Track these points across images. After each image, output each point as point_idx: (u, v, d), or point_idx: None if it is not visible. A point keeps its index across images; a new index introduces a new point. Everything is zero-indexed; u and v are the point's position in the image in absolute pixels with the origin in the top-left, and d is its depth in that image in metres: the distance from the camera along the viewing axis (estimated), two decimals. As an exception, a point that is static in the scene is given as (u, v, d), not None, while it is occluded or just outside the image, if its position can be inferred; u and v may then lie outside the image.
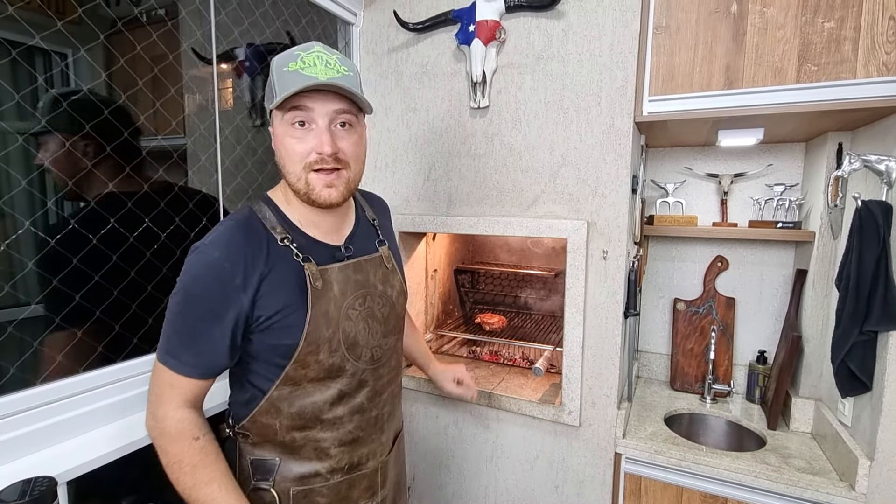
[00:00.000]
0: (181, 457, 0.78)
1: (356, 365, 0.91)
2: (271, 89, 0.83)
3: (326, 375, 0.88)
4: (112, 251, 1.04)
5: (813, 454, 1.33)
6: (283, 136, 0.83)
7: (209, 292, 0.79)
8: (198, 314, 0.80)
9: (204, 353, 0.81)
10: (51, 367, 0.95)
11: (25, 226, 0.93)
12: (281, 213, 0.89)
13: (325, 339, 0.86)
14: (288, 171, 0.84)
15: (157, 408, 0.81)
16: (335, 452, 0.91)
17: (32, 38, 0.91)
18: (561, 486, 1.47)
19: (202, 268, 0.80)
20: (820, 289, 1.43)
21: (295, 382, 0.86)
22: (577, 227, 1.36)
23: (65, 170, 1.01)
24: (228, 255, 0.80)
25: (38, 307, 0.95)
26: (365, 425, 0.95)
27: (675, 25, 1.27)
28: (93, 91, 1.05)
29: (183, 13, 1.17)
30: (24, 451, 0.87)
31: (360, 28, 1.66)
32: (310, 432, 0.89)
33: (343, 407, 0.91)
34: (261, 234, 0.84)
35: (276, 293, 0.83)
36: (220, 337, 0.80)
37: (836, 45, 1.12)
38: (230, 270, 0.79)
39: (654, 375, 1.86)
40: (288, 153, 0.83)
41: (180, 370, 0.80)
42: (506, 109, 1.46)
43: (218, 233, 0.83)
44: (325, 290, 0.87)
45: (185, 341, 0.80)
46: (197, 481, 0.78)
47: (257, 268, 0.81)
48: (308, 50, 0.82)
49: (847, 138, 1.39)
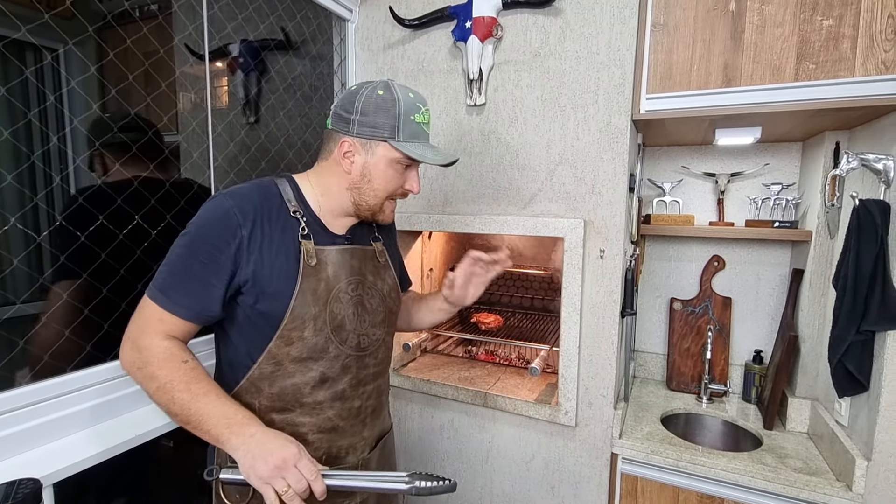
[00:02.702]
0: (172, 376, 0.79)
1: (340, 349, 0.92)
2: (391, 126, 0.88)
3: (309, 356, 0.88)
4: (100, 245, 1.02)
5: (809, 454, 1.32)
6: (385, 167, 0.91)
7: (216, 237, 0.82)
8: (200, 256, 0.81)
9: (197, 295, 0.82)
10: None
11: (10, 222, 0.91)
12: (299, 192, 0.94)
13: (311, 315, 0.87)
14: (370, 193, 0.93)
15: (141, 339, 0.80)
16: (313, 439, 0.91)
17: (19, 31, 0.89)
18: (557, 487, 1.46)
19: (213, 213, 0.83)
20: (817, 288, 1.43)
21: (277, 361, 0.87)
22: (574, 226, 1.35)
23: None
24: (241, 206, 0.84)
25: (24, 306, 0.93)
26: (346, 414, 0.94)
27: (673, 23, 1.26)
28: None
29: (175, 7, 1.15)
30: (8, 452, 0.85)
31: (356, 24, 1.64)
32: (289, 415, 0.89)
33: (324, 391, 0.91)
34: (275, 201, 0.89)
35: (273, 258, 0.85)
36: (216, 284, 0.82)
37: (835, 42, 1.12)
38: (240, 221, 0.83)
39: (651, 375, 1.85)
40: (385, 182, 0.93)
41: (171, 309, 0.81)
42: (502, 107, 1.45)
43: (236, 188, 0.88)
44: (318, 269, 0.89)
45: (181, 282, 0.81)
46: (193, 395, 0.78)
47: (264, 227, 0.85)
48: (424, 105, 0.94)
49: (844, 137, 1.38)
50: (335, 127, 0.92)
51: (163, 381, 0.78)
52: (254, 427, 0.79)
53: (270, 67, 1.52)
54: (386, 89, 0.90)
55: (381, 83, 0.91)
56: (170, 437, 1.11)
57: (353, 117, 0.89)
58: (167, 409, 0.79)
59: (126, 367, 0.82)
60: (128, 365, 0.81)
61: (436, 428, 1.64)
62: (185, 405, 0.78)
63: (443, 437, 1.63)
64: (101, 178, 1.09)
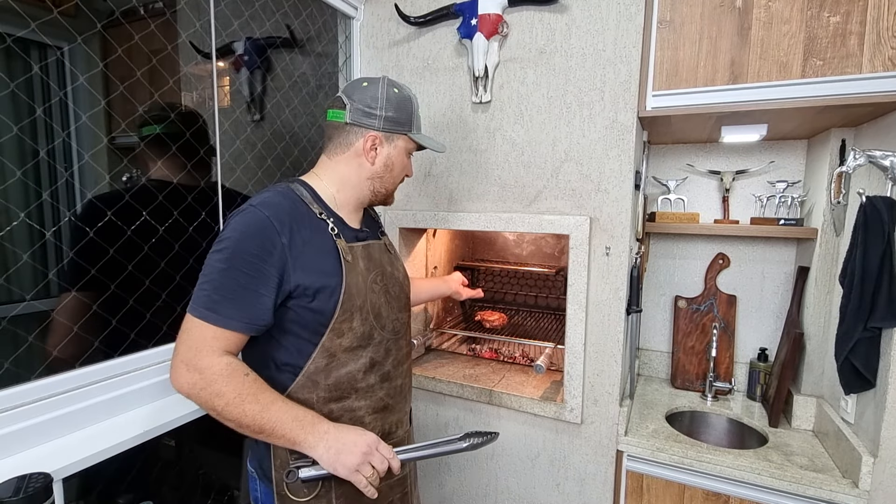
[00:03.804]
0: (240, 390, 0.80)
1: (382, 334, 0.98)
2: (409, 120, 0.99)
3: (359, 344, 0.93)
4: (116, 244, 1.02)
5: (815, 452, 1.32)
6: (403, 157, 1.02)
7: (257, 248, 0.82)
8: (244, 269, 0.82)
9: (248, 306, 0.82)
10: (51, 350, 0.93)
11: (20, 218, 0.91)
12: (315, 194, 0.96)
13: (357, 306, 0.92)
14: (391, 183, 1.03)
15: (198, 359, 0.80)
16: (370, 420, 0.97)
17: (26, 28, 0.89)
18: (562, 484, 1.46)
19: (250, 225, 0.84)
20: (822, 286, 1.43)
21: (331, 354, 0.90)
22: (580, 223, 1.35)
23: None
24: (277, 215, 0.85)
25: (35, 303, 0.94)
26: (393, 392, 1.02)
27: (679, 20, 1.26)
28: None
29: (181, 4, 1.15)
30: (19, 447, 0.85)
31: (361, 22, 1.64)
32: (346, 402, 0.93)
33: (374, 375, 0.97)
34: (301, 206, 0.91)
35: (317, 259, 0.89)
36: (265, 293, 0.83)
37: (842, 39, 1.11)
38: (278, 229, 0.84)
39: (655, 373, 1.85)
40: (402, 169, 1.04)
41: (224, 324, 0.81)
42: (508, 104, 1.45)
43: (264, 197, 0.89)
44: (354, 264, 0.94)
45: (229, 296, 0.81)
46: (263, 405, 0.81)
47: (301, 232, 0.87)
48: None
49: (850, 135, 1.38)
50: (359, 122, 0.96)
51: (231, 397, 0.79)
52: (325, 424, 0.85)
53: (276, 65, 1.52)
54: (398, 87, 0.99)
55: (387, 80, 0.99)
56: (171, 437, 1.12)
57: (380, 113, 0.96)
58: (238, 423, 0.80)
59: (185, 390, 0.81)
60: (188, 388, 0.81)
61: (441, 425, 1.64)
62: (257, 416, 0.80)
63: (447, 434, 1.63)
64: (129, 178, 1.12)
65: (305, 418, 0.84)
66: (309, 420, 0.84)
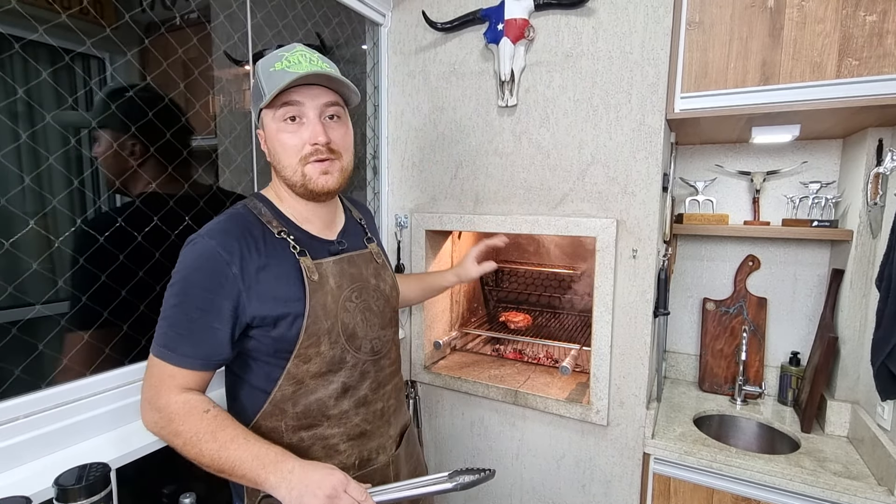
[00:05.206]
0: (197, 429, 0.77)
1: (357, 356, 0.92)
2: (259, 91, 0.86)
3: (328, 369, 0.88)
4: (134, 251, 1.07)
5: (850, 458, 1.30)
6: (276, 133, 0.86)
7: (207, 281, 0.79)
8: (196, 304, 0.79)
9: (202, 343, 0.80)
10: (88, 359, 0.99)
11: (30, 223, 0.97)
12: (275, 209, 0.91)
13: (324, 330, 0.86)
14: (284, 166, 0.87)
15: (157, 399, 0.79)
16: (344, 448, 0.91)
17: (77, 43, 0.94)
18: (588, 485, 1.47)
19: (198, 257, 0.81)
20: (858, 289, 1.40)
21: (298, 380, 0.86)
22: (607, 226, 1.35)
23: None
24: (225, 244, 0.81)
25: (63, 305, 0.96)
26: (371, 418, 0.95)
27: (709, 21, 1.25)
28: (147, 88, 1.08)
29: (221, 17, 1.20)
30: (76, 438, 0.91)
31: (388, 28, 1.67)
32: (317, 430, 0.89)
33: (348, 400, 0.91)
34: (256, 227, 0.86)
35: (273, 285, 0.83)
36: (219, 327, 0.80)
37: (879, 38, 1.09)
38: (227, 259, 0.80)
39: (682, 376, 1.83)
40: (283, 148, 0.86)
41: (179, 363, 0.79)
42: (534, 108, 1.46)
43: (213, 224, 0.85)
44: (322, 283, 0.88)
45: (183, 332, 0.79)
46: (221, 443, 0.76)
47: (253, 259, 0.82)
48: (291, 50, 0.85)
49: (888, 134, 1.34)
50: (258, 123, 0.92)
51: (188, 436, 0.77)
52: (290, 462, 0.77)
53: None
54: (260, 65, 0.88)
55: (256, 66, 0.89)
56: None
57: (254, 104, 0.89)
58: (198, 461, 0.77)
59: (150, 428, 0.81)
60: (151, 426, 0.81)
61: (466, 425, 1.66)
62: (215, 455, 0.76)
63: (473, 434, 1.65)
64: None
65: (268, 456, 0.76)
66: (272, 458, 0.76)
